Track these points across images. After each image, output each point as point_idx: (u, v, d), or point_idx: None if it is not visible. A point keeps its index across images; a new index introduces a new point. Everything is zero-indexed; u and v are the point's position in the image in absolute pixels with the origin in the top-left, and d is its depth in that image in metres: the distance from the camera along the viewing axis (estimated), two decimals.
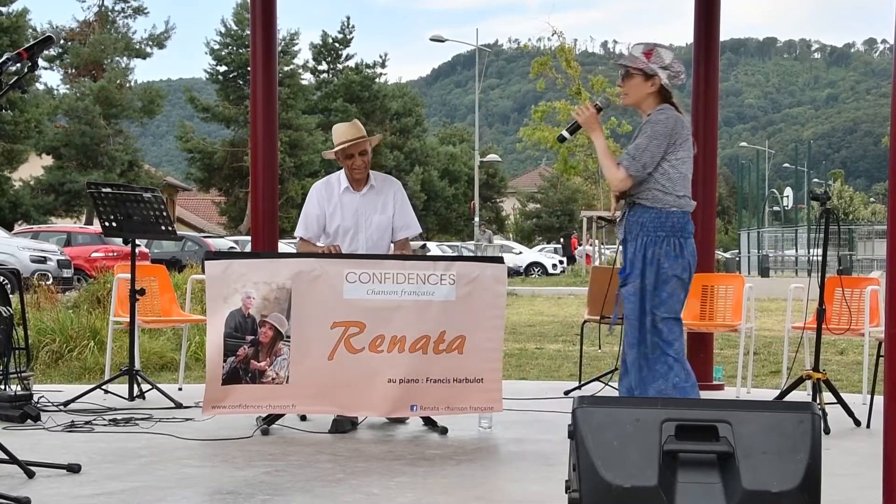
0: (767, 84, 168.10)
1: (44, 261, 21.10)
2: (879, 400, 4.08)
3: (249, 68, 7.86)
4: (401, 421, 5.84)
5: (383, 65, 47.47)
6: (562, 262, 42.54)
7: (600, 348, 9.24)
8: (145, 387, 6.73)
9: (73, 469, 4.47)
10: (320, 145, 39.28)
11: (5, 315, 6.13)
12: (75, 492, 4.16)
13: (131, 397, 6.62)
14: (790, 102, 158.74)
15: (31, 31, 33.96)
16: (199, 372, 7.26)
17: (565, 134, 4.99)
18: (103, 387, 6.73)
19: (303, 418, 5.85)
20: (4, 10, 32.78)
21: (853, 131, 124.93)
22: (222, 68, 41.56)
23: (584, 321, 7.88)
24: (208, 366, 5.22)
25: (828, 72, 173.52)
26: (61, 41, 38.32)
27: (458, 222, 52.57)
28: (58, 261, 21.55)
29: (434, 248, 34.45)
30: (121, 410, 6.17)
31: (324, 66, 47.28)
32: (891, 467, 3.60)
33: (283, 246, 16.03)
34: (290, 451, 5.05)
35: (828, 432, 5.56)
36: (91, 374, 8.35)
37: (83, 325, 9.24)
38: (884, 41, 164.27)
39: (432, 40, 41.08)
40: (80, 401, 6.36)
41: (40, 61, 4.23)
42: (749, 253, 36.91)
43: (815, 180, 53.28)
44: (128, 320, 6.79)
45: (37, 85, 37.71)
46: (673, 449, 3.01)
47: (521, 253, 42.39)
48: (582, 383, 7.37)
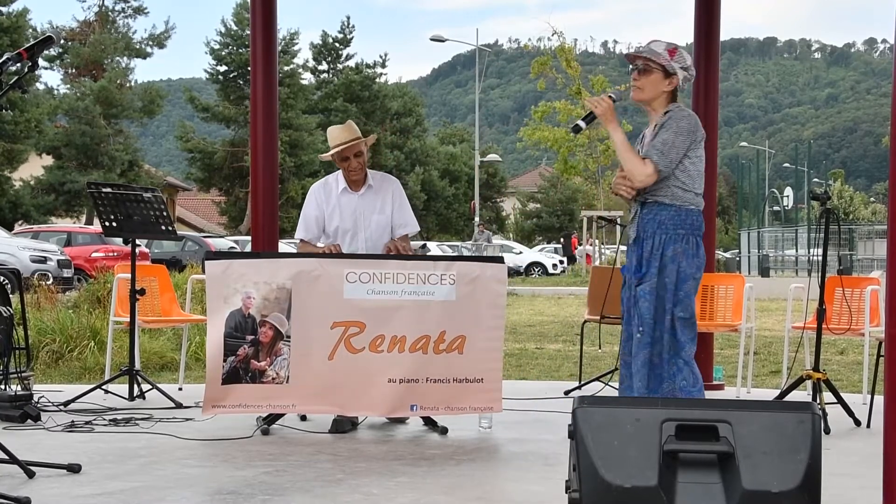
0: (767, 84, 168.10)
1: (44, 261, 21.10)
2: (879, 400, 4.08)
3: (249, 68, 7.86)
4: (401, 421, 5.84)
5: (383, 65, 47.52)
6: (562, 262, 42.52)
7: (600, 348, 9.25)
8: (145, 387, 6.73)
9: (73, 469, 4.47)
10: (320, 145, 39.26)
11: (5, 315, 6.12)
12: (75, 492, 4.16)
13: (131, 397, 6.62)
14: (790, 102, 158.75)
15: (31, 31, 33.96)
16: (200, 372, 7.26)
17: (581, 124, 4.75)
18: (103, 387, 6.73)
19: (303, 418, 5.85)
20: (4, 10, 32.79)
21: (853, 131, 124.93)
22: (222, 68, 41.55)
23: (585, 321, 7.88)
24: (208, 365, 5.23)
25: (828, 72, 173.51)
26: (61, 41, 38.30)
27: (458, 222, 52.58)
28: (58, 261, 21.55)
29: (434, 248, 34.45)
30: (121, 410, 6.17)
31: (324, 66, 47.30)
32: (891, 467, 3.60)
33: (284, 246, 16.02)
34: (290, 451, 5.05)
35: (828, 432, 5.56)
36: (91, 374, 8.35)
37: (83, 325, 9.25)
38: (884, 41, 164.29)
39: (432, 40, 41.13)
40: (81, 401, 6.36)
41: (40, 61, 4.23)
42: (749, 253, 36.93)
43: (816, 180, 53.33)
44: (128, 320, 6.79)
45: (37, 85, 37.74)
46: (673, 449, 3.01)
47: (521, 253, 42.38)
48: (582, 383, 7.37)
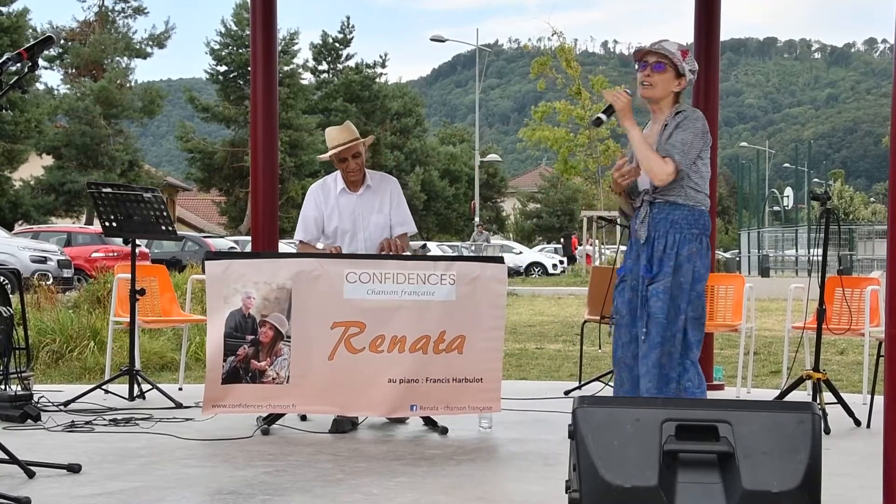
0: (767, 84, 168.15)
1: (44, 261, 21.10)
2: (879, 400, 4.08)
3: (249, 68, 7.86)
4: (401, 421, 5.84)
5: (383, 65, 47.54)
6: (562, 262, 42.53)
7: (600, 348, 9.24)
8: (145, 387, 6.73)
9: (73, 469, 4.47)
10: (320, 145, 39.24)
11: (5, 315, 6.12)
12: (75, 492, 4.16)
13: (131, 397, 6.62)
14: (790, 102, 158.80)
15: (31, 31, 33.96)
16: (200, 372, 7.26)
17: (602, 117, 4.62)
18: (103, 387, 6.73)
19: (303, 418, 5.85)
20: (4, 10, 32.79)
21: (853, 131, 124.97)
22: (222, 68, 41.56)
23: (585, 321, 7.88)
24: (208, 365, 5.22)
25: (828, 72, 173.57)
26: (61, 41, 38.27)
27: (458, 222, 52.59)
28: (58, 261, 21.56)
29: (434, 248, 34.47)
30: (121, 410, 6.17)
31: (324, 66, 47.30)
32: (891, 467, 3.60)
33: (284, 246, 16.01)
34: (290, 451, 5.05)
35: (828, 432, 5.56)
36: (91, 374, 8.35)
37: (83, 325, 9.25)
38: (884, 41, 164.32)
39: (432, 40, 41.16)
40: (81, 401, 6.36)
41: (40, 61, 4.23)
42: (749, 253, 36.93)
43: (816, 180, 53.33)
44: (128, 320, 6.79)
45: (37, 85, 37.73)
46: (673, 449, 3.01)
47: (521, 253, 42.39)
48: (582, 383, 7.37)
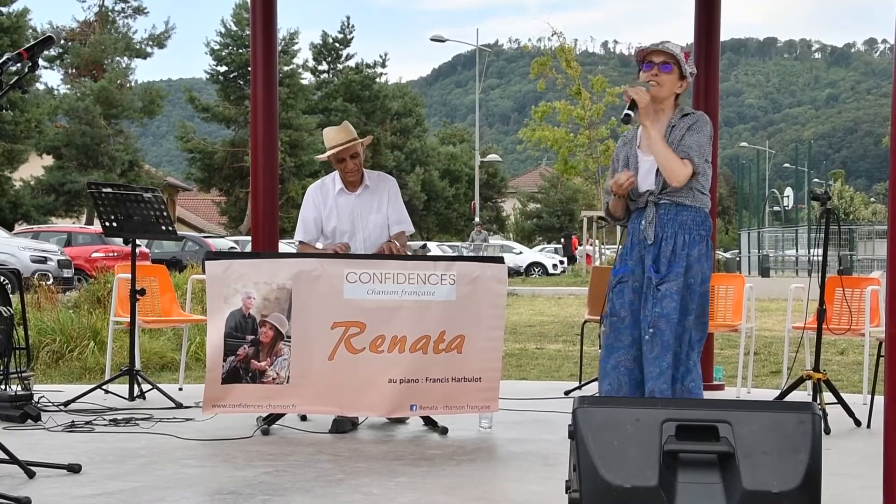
0: (768, 84, 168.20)
1: (44, 261, 21.10)
2: (880, 400, 4.08)
3: (249, 68, 7.86)
4: (401, 421, 5.84)
5: (383, 65, 47.52)
6: (562, 262, 42.54)
7: (601, 348, 9.23)
8: (145, 387, 6.73)
9: (74, 469, 4.47)
10: (320, 145, 38.98)
11: (6, 315, 6.12)
12: (75, 492, 4.16)
13: (131, 397, 6.62)
14: (790, 102, 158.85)
15: (31, 31, 33.97)
16: (200, 372, 7.26)
17: (631, 113, 4.49)
18: (103, 387, 6.73)
19: (303, 418, 5.85)
20: (5, 10, 32.79)
21: (853, 131, 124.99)
22: (222, 68, 41.56)
23: (585, 321, 7.88)
24: (208, 365, 5.22)
25: (828, 72, 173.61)
26: (61, 41, 38.32)
27: (458, 222, 52.59)
28: (58, 261, 21.56)
29: (434, 248, 34.48)
30: (121, 410, 6.17)
31: (324, 66, 47.29)
32: (891, 467, 3.60)
33: (284, 246, 16.01)
34: (290, 451, 5.05)
35: (828, 432, 5.56)
36: (91, 374, 8.35)
37: (83, 325, 9.25)
38: (884, 41, 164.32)
39: (432, 40, 41.18)
40: (81, 401, 6.36)
41: (40, 61, 4.23)
42: (749, 253, 36.96)
43: (816, 180, 53.34)
44: (128, 320, 6.79)
45: (37, 85, 37.76)
46: (673, 449, 3.01)
47: (521, 253, 42.40)
48: (582, 383, 7.36)
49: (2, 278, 6.42)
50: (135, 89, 39.88)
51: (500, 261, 5.57)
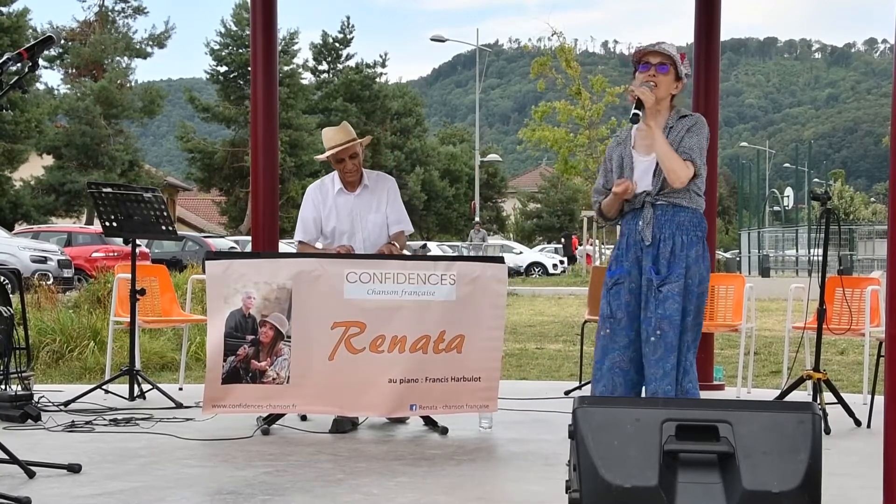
0: (768, 84, 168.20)
1: (44, 261, 21.10)
2: (880, 400, 4.08)
3: (249, 68, 7.86)
4: (401, 421, 5.84)
5: (383, 64, 47.50)
6: (562, 262, 42.54)
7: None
8: (146, 387, 6.73)
9: (74, 469, 4.47)
10: (320, 145, 38.98)
11: (6, 315, 6.12)
12: (75, 492, 4.16)
13: (132, 397, 6.62)
14: (791, 102, 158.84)
15: (31, 31, 33.96)
16: (200, 372, 7.25)
17: (639, 113, 4.46)
18: (104, 387, 6.73)
19: (303, 418, 5.85)
20: (5, 10, 32.79)
21: (854, 131, 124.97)
22: (222, 68, 41.55)
23: (585, 321, 7.87)
24: (208, 365, 5.22)
25: (828, 72, 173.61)
26: (62, 41, 38.29)
27: (458, 222, 52.58)
28: (58, 261, 21.55)
29: (434, 248, 34.48)
30: (121, 410, 6.17)
31: (324, 66, 47.27)
32: (891, 467, 3.60)
33: (284, 246, 16.01)
34: (290, 451, 5.05)
35: (828, 432, 5.56)
36: (91, 374, 8.35)
37: (84, 325, 9.25)
38: (884, 41, 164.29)
39: (433, 40, 41.17)
40: (81, 401, 6.36)
41: (41, 61, 4.23)
42: (749, 253, 36.96)
43: (816, 180, 53.34)
44: (128, 320, 6.79)
45: (37, 85, 37.75)
46: (673, 449, 3.01)
47: (521, 253, 42.40)
48: (582, 383, 7.36)
49: (2, 278, 6.42)
50: (135, 89, 39.87)
51: (500, 261, 5.57)
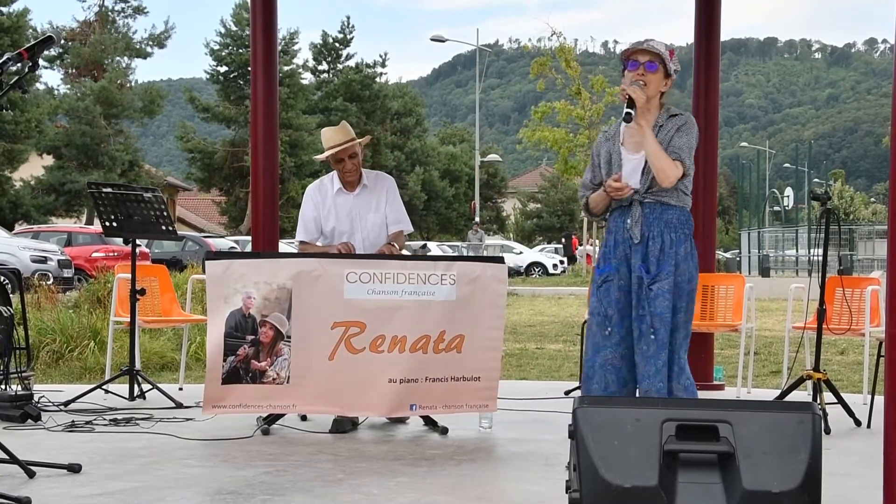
0: (768, 84, 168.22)
1: (44, 261, 21.10)
2: (880, 400, 4.08)
3: (249, 68, 7.86)
4: (401, 421, 5.84)
5: (383, 64, 47.51)
6: (562, 262, 42.55)
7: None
8: (146, 387, 6.73)
9: (74, 469, 4.47)
10: (320, 145, 39.08)
11: (6, 315, 6.12)
12: (75, 492, 4.16)
13: (132, 397, 6.62)
14: (791, 102, 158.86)
15: (31, 31, 33.96)
16: (200, 372, 7.25)
17: (631, 112, 4.47)
18: (104, 387, 6.73)
19: (303, 418, 5.85)
20: (5, 10, 32.79)
21: (854, 131, 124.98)
22: (222, 68, 41.55)
23: (585, 321, 7.86)
24: (208, 365, 5.22)
25: (828, 72, 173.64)
26: (62, 41, 38.30)
27: (458, 222, 52.58)
28: (58, 261, 21.55)
29: (434, 248, 34.48)
30: (121, 410, 6.17)
31: (324, 66, 47.27)
32: (891, 467, 3.60)
33: (284, 246, 16.02)
34: (290, 451, 5.05)
35: (828, 432, 5.56)
36: (91, 374, 8.35)
37: (84, 324, 9.25)
38: (884, 41, 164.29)
39: (433, 40, 41.16)
40: (81, 401, 6.36)
41: (41, 61, 4.23)
42: (750, 253, 36.95)
43: (816, 180, 53.31)
44: (128, 320, 6.79)
45: (37, 85, 37.74)
46: (673, 449, 3.01)
47: (521, 253, 42.42)
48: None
49: (2, 278, 6.42)
50: (135, 89, 39.86)
51: (500, 261, 5.57)
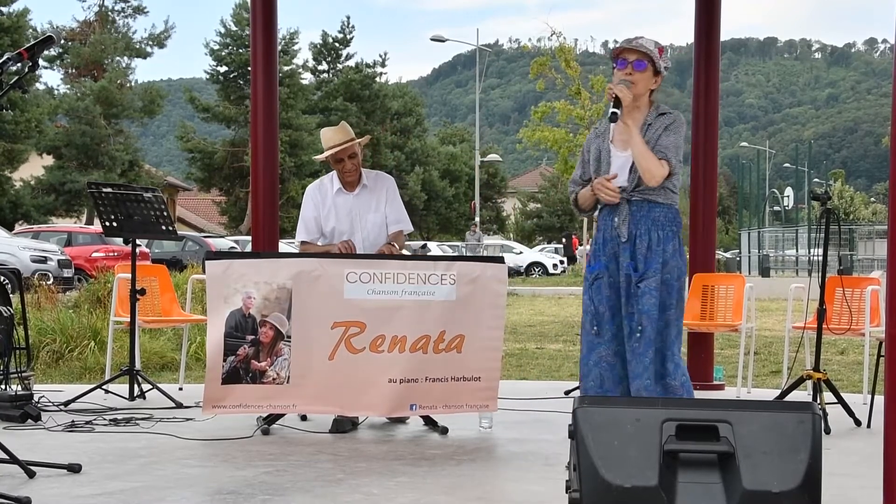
0: (768, 84, 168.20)
1: (44, 261, 21.10)
2: (880, 400, 4.08)
3: (249, 68, 7.86)
4: (401, 421, 5.84)
5: (383, 64, 47.52)
6: (562, 262, 42.54)
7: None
8: (146, 387, 6.73)
9: (74, 469, 4.47)
10: (320, 145, 39.09)
11: (6, 315, 6.12)
12: (75, 492, 4.16)
13: (132, 397, 6.62)
14: (791, 102, 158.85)
15: (31, 31, 33.95)
16: (200, 372, 7.25)
17: (617, 111, 4.46)
18: (104, 387, 6.73)
19: (303, 418, 5.85)
20: (5, 10, 32.78)
21: (854, 131, 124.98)
22: (222, 68, 41.56)
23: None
24: (208, 365, 5.22)
25: (828, 72, 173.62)
26: (62, 41, 38.30)
27: (458, 222, 52.58)
28: (58, 261, 21.55)
29: (434, 248, 34.48)
30: (121, 410, 6.17)
31: (324, 66, 47.28)
32: (891, 467, 3.60)
33: (284, 246, 16.03)
34: (290, 451, 5.05)
35: (828, 432, 5.56)
36: (91, 373, 8.35)
37: (84, 324, 9.25)
38: (884, 41, 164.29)
39: (433, 40, 41.13)
40: (81, 401, 6.36)
41: (41, 61, 4.23)
42: (750, 253, 36.95)
43: (816, 180, 53.32)
44: (128, 320, 6.79)
45: (37, 85, 37.72)
46: (673, 449, 3.01)
47: (521, 253, 42.42)
48: None
49: (2, 278, 6.42)
50: (135, 89, 39.87)
51: (500, 261, 5.57)
